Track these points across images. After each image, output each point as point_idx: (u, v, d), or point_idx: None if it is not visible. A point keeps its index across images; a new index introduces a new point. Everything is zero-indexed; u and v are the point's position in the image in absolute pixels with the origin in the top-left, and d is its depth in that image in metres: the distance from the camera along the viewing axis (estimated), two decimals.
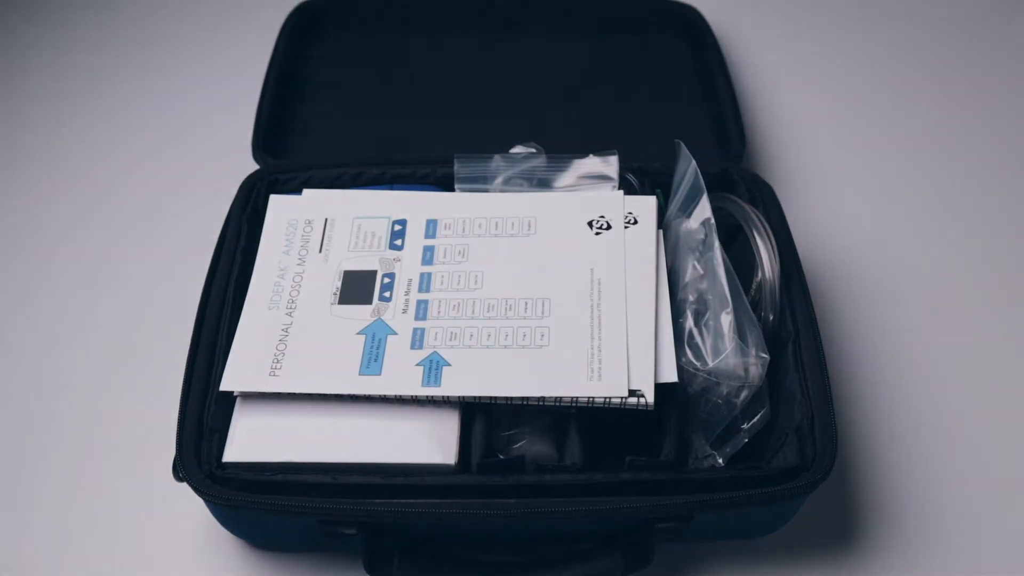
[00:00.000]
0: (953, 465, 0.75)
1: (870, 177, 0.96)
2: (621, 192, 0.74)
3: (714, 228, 0.70)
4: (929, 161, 0.97)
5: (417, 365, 0.66)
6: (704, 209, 0.71)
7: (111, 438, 0.76)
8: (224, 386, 0.66)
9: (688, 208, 0.72)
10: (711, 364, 0.66)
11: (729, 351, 0.65)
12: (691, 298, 0.69)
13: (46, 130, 0.99)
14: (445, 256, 0.71)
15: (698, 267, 0.69)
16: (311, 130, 0.92)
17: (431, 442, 0.65)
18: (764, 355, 0.66)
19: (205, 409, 0.66)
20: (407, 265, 0.71)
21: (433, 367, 0.65)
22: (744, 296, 0.68)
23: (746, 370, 0.66)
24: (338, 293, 0.70)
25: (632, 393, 0.63)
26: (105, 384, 0.79)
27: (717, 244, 0.69)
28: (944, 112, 1.01)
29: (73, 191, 0.94)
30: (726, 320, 0.66)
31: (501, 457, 0.65)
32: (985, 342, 0.83)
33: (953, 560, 0.71)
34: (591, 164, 0.76)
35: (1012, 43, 1.09)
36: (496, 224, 0.73)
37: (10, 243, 0.90)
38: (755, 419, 0.67)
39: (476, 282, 0.70)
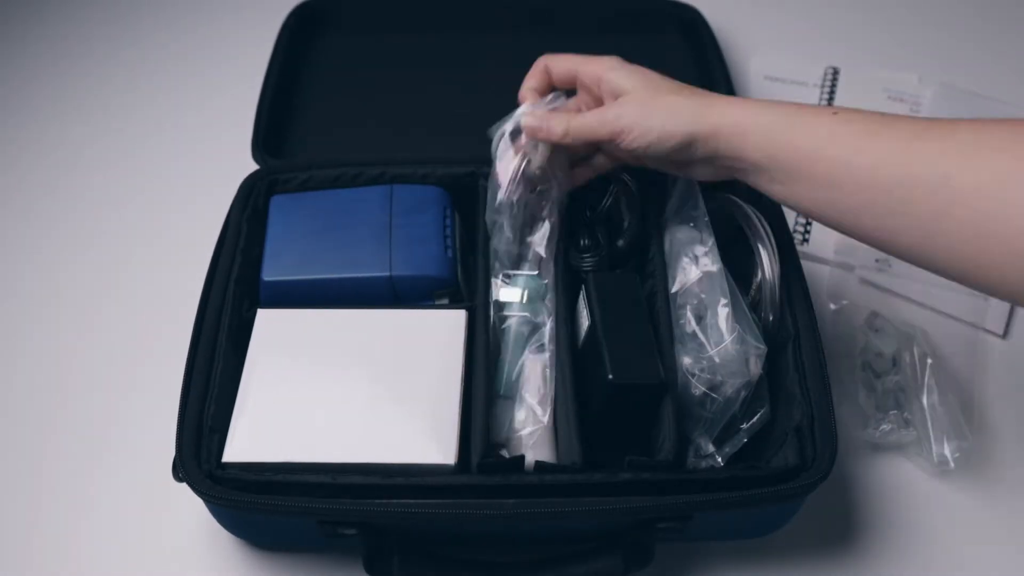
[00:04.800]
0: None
1: None
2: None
3: (709, 227, 0.70)
4: None
5: None
6: (699, 210, 0.71)
7: (111, 438, 0.76)
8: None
9: (683, 209, 0.72)
10: (711, 351, 0.66)
11: (728, 341, 0.65)
12: (691, 301, 0.69)
13: (45, 130, 0.99)
14: None
15: (696, 268, 0.69)
16: (311, 130, 0.92)
17: (430, 442, 0.65)
18: (761, 346, 0.66)
19: (205, 409, 0.67)
20: None
21: None
22: (739, 294, 0.69)
23: (747, 360, 0.66)
24: None
25: None
26: (105, 384, 0.79)
27: (713, 243, 0.69)
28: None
29: (72, 191, 0.94)
30: (723, 312, 0.66)
31: (502, 457, 0.65)
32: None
33: (951, 560, 0.71)
34: None
35: (1014, 47, 1.09)
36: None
37: (9, 243, 0.90)
38: (755, 419, 0.67)
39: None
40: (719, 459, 0.66)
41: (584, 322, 0.70)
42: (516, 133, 0.71)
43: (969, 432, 0.74)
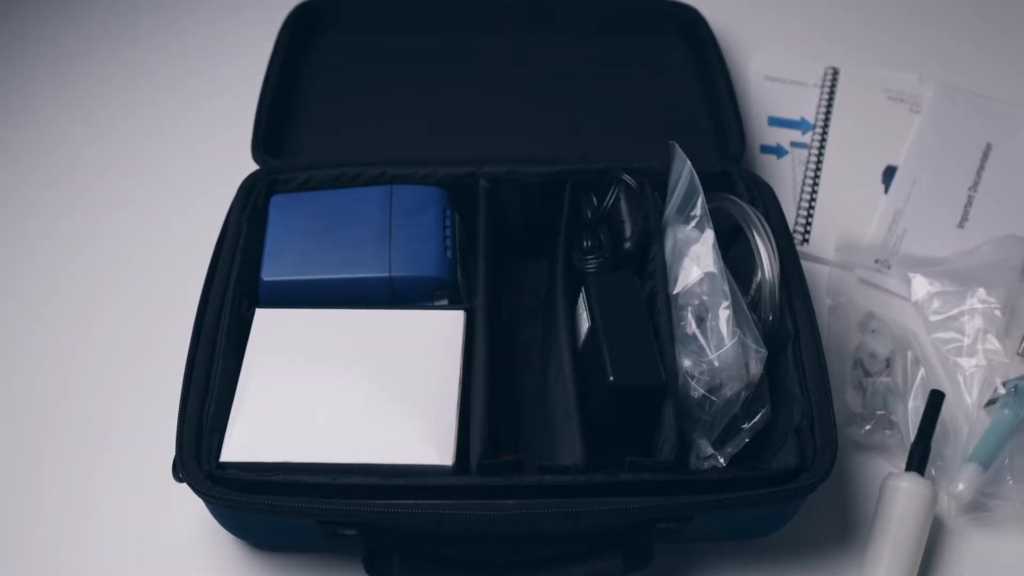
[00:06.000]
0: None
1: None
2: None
3: (711, 228, 0.70)
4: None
5: None
6: (701, 209, 0.71)
7: (111, 438, 0.76)
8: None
9: (685, 209, 0.72)
10: (712, 355, 0.66)
11: (729, 346, 0.65)
12: (692, 302, 0.69)
13: (45, 130, 0.99)
14: None
15: (697, 268, 0.69)
16: (311, 130, 0.92)
17: (428, 443, 0.65)
18: (762, 349, 0.66)
19: (205, 409, 0.67)
20: None
21: None
22: (740, 295, 0.68)
23: (746, 364, 0.66)
24: None
25: None
26: (105, 384, 0.79)
27: (714, 244, 0.69)
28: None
29: (73, 191, 0.94)
30: (724, 314, 0.66)
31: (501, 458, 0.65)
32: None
33: (946, 560, 0.71)
34: None
35: (1014, 47, 1.09)
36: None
37: (9, 243, 0.90)
38: (756, 418, 0.67)
39: None
40: (721, 460, 0.66)
41: (584, 324, 0.70)
42: None
43: (952, 439, 0.74)
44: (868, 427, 0.75)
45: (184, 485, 0.64)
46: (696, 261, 0.70)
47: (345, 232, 0.76)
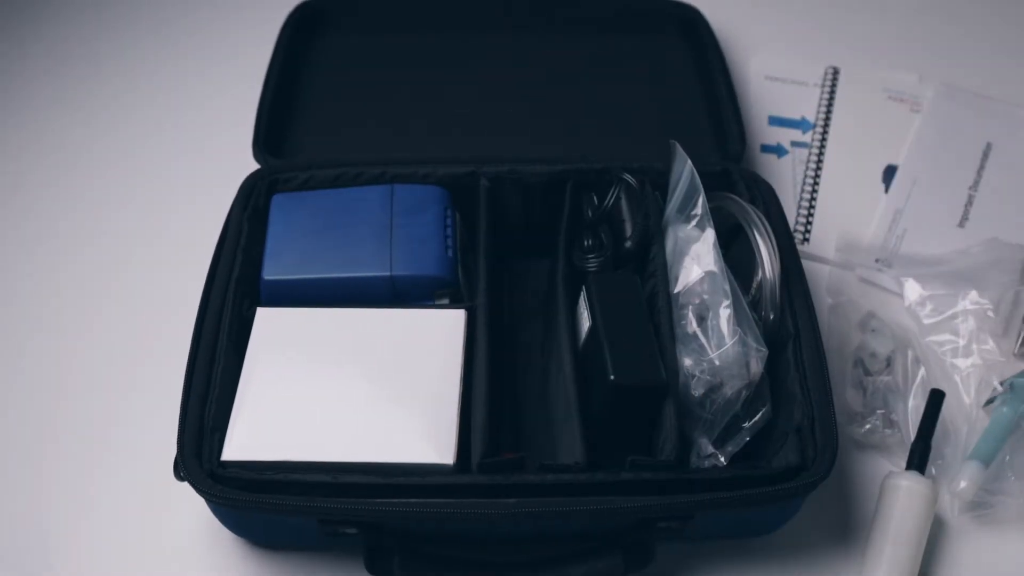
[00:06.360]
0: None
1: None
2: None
3: (712, 227, 0.70)
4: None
5: None
6: (702, 209, 0.71)
7: (111, 438, 0.76)
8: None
9: (686, 208, 0.72)
10: (712, 354, 0.66)
11: (730, 345, 0.66)
12: (693, 301, 0.69)
13: (45, 130, 0.99)
14: None
15: (698, 267, 0.69)
16: (311, 130, 0.92)
17: (429, 442, 0.65)
18: (762, 348, 0.66)
19: (206, 408, 0.67)
20: None
21: None
22: (741, 294, 0.68)
23: (747, 363, 0.66)
24: None
25: None
26: (106, 384, 0.79)
27: (715, 243, 0.69)
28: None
29: (73, 191, 0.94)
30: (725, 313, 0.66)
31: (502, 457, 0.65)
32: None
33: (943, 560, 0.71)
34: None
35: (1015, 47, 1.09)
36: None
37: (9, 243, 0.90)
38: (756, 417, 0.67)
39: None
40: (722, 458, 0.66)
41: (585, 323, 0.70)
42: None
43: (952, 438, 0.74)
44: (868, 426, 0.75)
45: (185, 484, 0.64)
46: (697, 260, 0.70)
47: (346, 231, 0.76)
